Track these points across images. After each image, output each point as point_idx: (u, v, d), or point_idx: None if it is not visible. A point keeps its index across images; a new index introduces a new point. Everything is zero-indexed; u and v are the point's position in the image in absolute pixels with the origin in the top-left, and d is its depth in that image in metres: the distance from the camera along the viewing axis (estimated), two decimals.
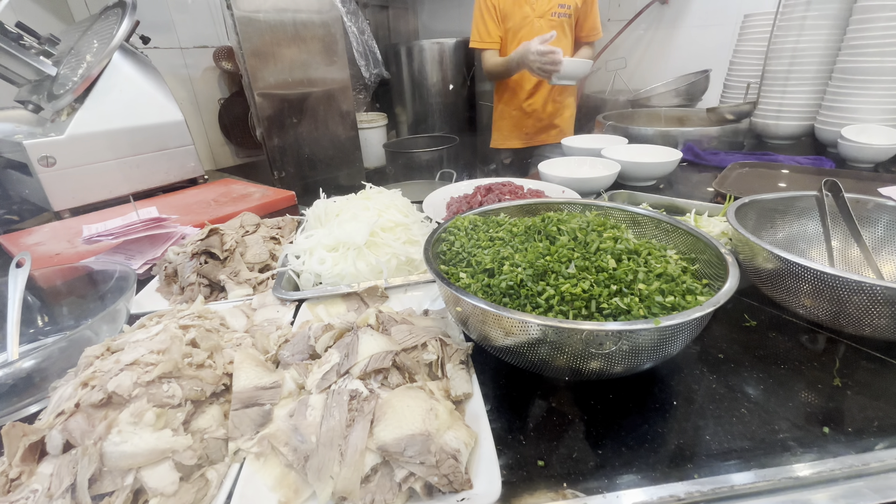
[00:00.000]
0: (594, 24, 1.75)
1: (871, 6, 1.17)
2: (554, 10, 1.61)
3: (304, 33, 2.11)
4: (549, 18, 1.61)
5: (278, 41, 2.05)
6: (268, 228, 0.82)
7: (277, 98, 2.14)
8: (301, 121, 2.24)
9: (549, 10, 1.60)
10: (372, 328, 0.48)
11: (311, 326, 0.49)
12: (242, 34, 1.95)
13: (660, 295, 0.45)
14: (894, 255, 0.64)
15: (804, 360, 0.53)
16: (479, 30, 1.65)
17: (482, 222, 0.62)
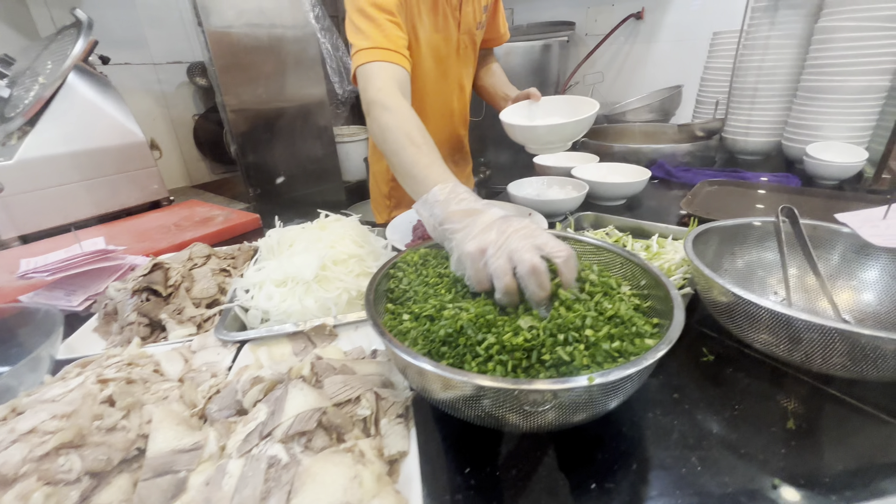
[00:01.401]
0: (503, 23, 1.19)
1: (831, 27, 1.19)
2: (480, 21, 1.06)
3: (278, 49, 2.09)
4: (472, 34, 1.06)
5: (251, 57, 2.03)
6: (219, 259, 0.78)
7: (251, 114, 2.11)
8: (276, 137, 2.21)
9: (476, 20, 1.04)
10: (305, 380, 0.45)
11: (239, 379, 0.46)
12: (214, 51, 1.92)
13: (608, 341, 0.43)
14: (850, 282, 0.64)
15: (760, 400, 0.51)
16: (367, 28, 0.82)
17: (434, 256, 0.60)
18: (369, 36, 0.81)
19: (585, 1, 2.92)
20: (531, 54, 2.70)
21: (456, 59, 1.07)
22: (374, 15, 0.82)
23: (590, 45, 2.91)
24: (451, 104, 1.14)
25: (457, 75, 1.10)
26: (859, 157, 1.17)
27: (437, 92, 1.07)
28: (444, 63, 1.05)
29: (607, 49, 2.90)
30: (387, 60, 0.80)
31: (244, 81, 2.03)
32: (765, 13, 1.36)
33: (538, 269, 0.45)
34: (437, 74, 1.04)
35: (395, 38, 0.83)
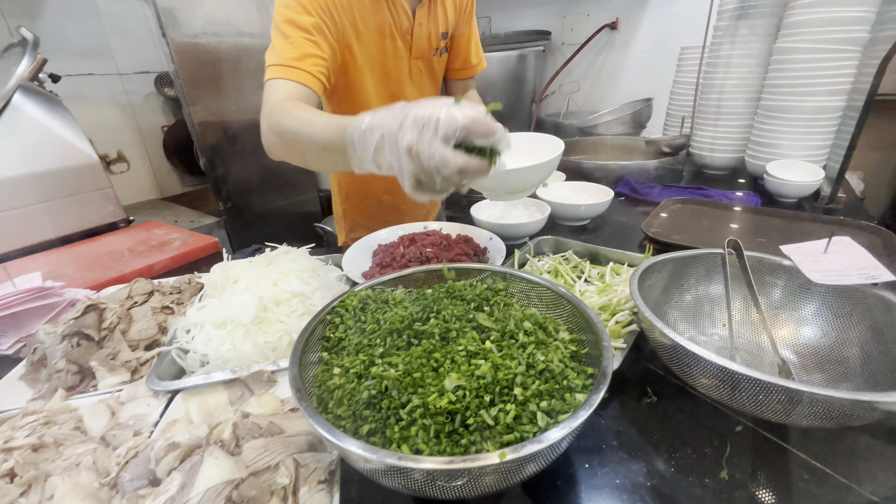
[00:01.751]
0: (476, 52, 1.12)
1: (788, 48, 1.21)
2: (437, 47, 1.01)
3: (248, 60, 2.05)
4: (428, 59, 1.02)
5: (219, 68, 1.99)
6: (162, 296, 0.76)
7: (220, 126, 2.07)
8: (247, 149, 2.16)
9: (431, 46, 1.00)
10: (224, 445, 0.43)
11: (154, 446, 0.44)
12: (180, 62, 1.88)
13: (537, 399, 0.42)
14: (792, 316, 0.64)
15: (700, 446, 0.51)
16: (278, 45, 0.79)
17: (374, 299, 0.59)
18: (279, 52, 0.78)
19: (561, 10, 2.94)
20: (507, 64, 2.71)
21: (409, 84, 1.03)
22: (288, 32, 0.78)
23: (566, 54, 2.93)
24: None
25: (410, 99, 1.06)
26: (816, 176, 1.19)
27: None
28: (394, 87, 1.01)
29: (583, 59, 2.92)
30: (290, 78, 0.76)
31: (212, 93, 1.98)
32: (726, 32, 1.38)
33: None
34: (385, 98, 1.00)
35: (305, 57, 0.78)
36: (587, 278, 0.84)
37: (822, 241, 0.66)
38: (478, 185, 0.78)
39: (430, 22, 0.98)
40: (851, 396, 0.40)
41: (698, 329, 0.68)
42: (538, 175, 0.78)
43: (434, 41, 1.01)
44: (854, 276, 0.58)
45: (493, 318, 0.53)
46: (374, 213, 1.21)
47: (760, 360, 0.62)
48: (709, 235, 1.03)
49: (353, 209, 1.20)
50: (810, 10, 1.15)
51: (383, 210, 1.20)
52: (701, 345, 0.65)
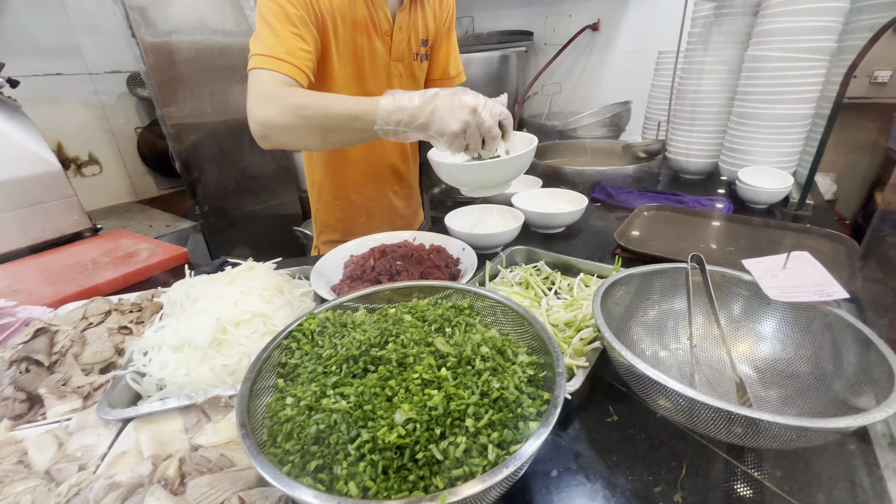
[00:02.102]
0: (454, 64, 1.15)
1: (759, 56, 1.23)
2: (417, 52, 1.04)
3: (223, 60, 2.00)
4: (408, 63, 1.05)
5: (193, 69, 1.93)
6: (120, 315, 0.73)
7: (195, 128, 2.02)
8: (224, 152, 2.12)
9: (412, 51, 1.03)
10: (168, 483, 0.41)
11: (93, 486, 0.42)
12: (151, 62, 1.83)
13: (488, 430, 0.42)
14: (752, 332, 0.65)
15: (656, 467, 0.51)
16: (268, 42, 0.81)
17: (333, 321, 0.57)
18: (266, 44, 0.81)
19: (544, 10, 2.94)
20: (490, 64, 2.70)
21: (387, 84, 1.03)
22: (274, 24, 0.81)
23: (548, 54, 2.94)
24: None
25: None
26: (786, 183, 1.21)
27: None
28: (370, 85, 1.01)
29: (565, 59, 2.93)
30: (279, 70, 0.80)
31: (186, 94, 1.93)
32: (699, 38, 1.39)
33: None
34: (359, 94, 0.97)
35: (294, 51, 0.82)
36: (557, 290, 0.85)
37: (781, 257, 0.67)
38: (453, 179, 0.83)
39: (411, 26, 1.00)
40: (796, 423, 0.41)
41: (662, 344, 0.68)
42: (509, 171, 0.80)
43: (414, 46, 1.03)
44: (809, 294, 0.59)
45: (452, 341, 0.53)
46: (344, 216, 1.19)
47: (721, 376, 0.63)
48: (680, 244, 1.04)
49: (325, 209, 1.19)
50: (779, 20, 1.16)
51: (353, 212, 1.19)
52: (664, 360, 0.66)
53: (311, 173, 1.18)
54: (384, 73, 1.02)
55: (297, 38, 0.83)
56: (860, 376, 0.51)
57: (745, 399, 0.55)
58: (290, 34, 0.82)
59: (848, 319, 0.55)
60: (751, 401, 0.55)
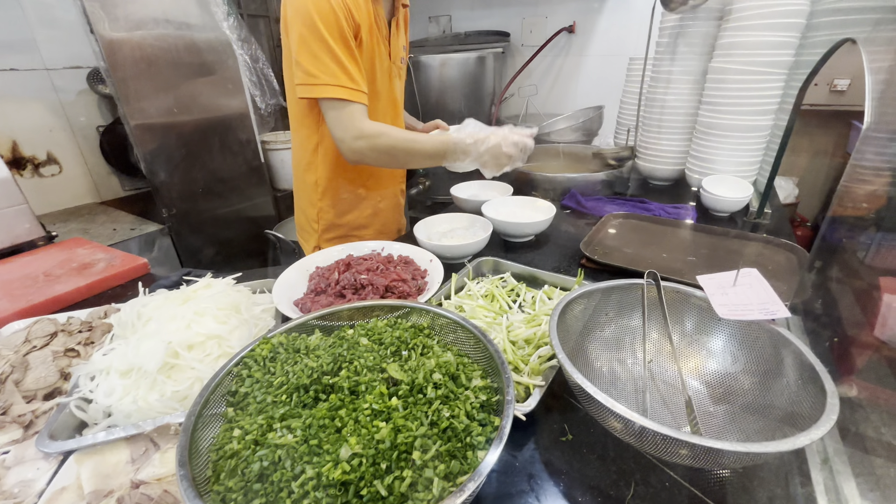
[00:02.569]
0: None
1: (721, 68, 1.26)
2: (403, 56, 1.19)
3: (189, 58, 1.93)
4: (398, 66, 1.18)
5: (157, 66, 1.86)
6: (67, 336, 0.70)
7: (160, 128, 1.95)
8: (191, 153, 2.05)
9: (399, 54, 1.17)
10: None
11: None
12: (111, 59, 1.75)
13: (434, 463, 0.42)
14: (701, 348, 0.67)
15: (605, 488, 0.52)
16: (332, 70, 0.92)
17: (286, 348, 0.56)
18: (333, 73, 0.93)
19: (520, 11, 2.94)
20: (467, 66, 2.70)
21: (387, 81, 1.15)
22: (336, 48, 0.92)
23: (525, 55, 2.95)
24: (386, 121, 1.19)
25: (390, 97, 1.18)
26: (746, 193, 1.25)
27: (373, 110, 1.13)
28: (378, 84, 1.12)
29: (542, 61, 2.94)
30: (357, 101, 0.97)
31: (150, 93, 1.86)
32: (667, 48, 1.42)
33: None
34: (372, 93, 1.10)
35: (358, 77, 0.97)
36: (521, 303, 0.85)
37: (732, 273, 0.69)
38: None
39: (399, 32, 1.14)
40: (733, 448, 0.42)
41: (619, 360, 0.70)
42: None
43: (400, 50, 1.17)
44: (755, 312, 0.61)
45: (406, 366, 0.52)
46: (349, 208, 1.25)
47: (675, 391, 0.65)
48: (644, 254, 1.06)
49: (330, 207, 1.23)
50: (740, 34, 1.19)
51: (358, 203, 1.25)
52: (620, 376, 0.68)
53: (313, 173, 1.19)
54: (387, 74, 1.14)
55: (353, 60, 0.96)
56: (799, 394, 0.53)
57: (693, 417, 0.57)
58: (350, 58, 0.95)
59: (787, 337, 0.57)
60: (697, 419, 0.57)
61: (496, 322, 0.73)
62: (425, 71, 2.62)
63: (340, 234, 1.27)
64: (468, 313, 0.79)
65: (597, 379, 0.66)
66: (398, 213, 1.38)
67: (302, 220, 1.30)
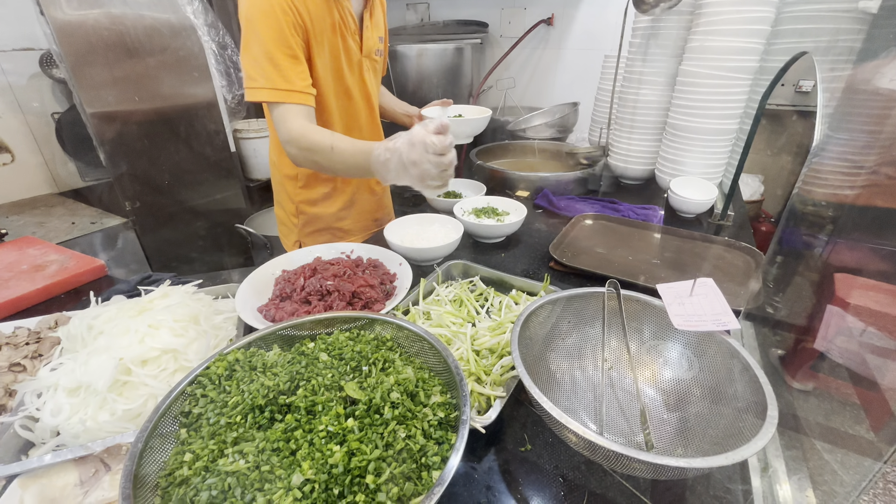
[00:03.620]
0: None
1: (690, 71, 1.27)
2: (378, 48, 1.14)
3: (150, 44, 1.84)
4: (373, 58, 1.13)
5: (115, 53, 1.76)
6: (13, 350, 0.67)
7: (120, 118, 1.85)
8: (155, 144, 1.97)
9: (374, 47, 1.12)
10: None
11: None
12: (64, 44, 1.65)
13: (390, 484, 0.42)
14: (658, 356, 0.69)
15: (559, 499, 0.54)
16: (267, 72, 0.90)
17: (243, 365, 0.55)
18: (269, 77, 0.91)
19: (499, 2, 2.91)
20: (444, 57, 2.66)
21: (360, 78, 1.12)
22: (273, 51, 0.90)
23: (504, 47, 2.93)
24: (359, 120, 1.18)
25: (362, 92, 1.15)
26: (710, 195, 1.29)
27: (343, 108, 1.13)
28: (348, 81, 1.09)
29: (520, 53, 2.93)
30: (295, 102, 0.93)
31: (107, 79, 1.76)
32: (639, 49, 1.43)
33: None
34: (339, 91, 1.09)
35: (295, 77, 0.93)
36: (489, 308, 0.86)
37: (689, 283, 0.71)
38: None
39: (373, 25, 1.11)
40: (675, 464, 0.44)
41: (580, 367, 0.71)
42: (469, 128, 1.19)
43: (376, 43, 1.13)
44: (709, 323, 0.63)
45: (365, 383, 0.52)
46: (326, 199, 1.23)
47: (631, 398, 0.67)
48: (611, 256, 1.08)
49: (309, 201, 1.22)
50: (708, 38, 1.21)
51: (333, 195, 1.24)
52: (580, 383, 0.69)
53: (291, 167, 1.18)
54: (357, 69, 1.11)
55: (293, 60, 0.92)
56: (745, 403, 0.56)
57: (646, 428, 0.59)
58: (289, 58, 0.92)
59: (736, 349, 0.59)
60: (650, 430, 0.59)
61: (461, 331, 0.74)
62: (402, 61, 2.57)
63: (321, 227, 1.27)
64: (435, 320, 0.79)
65: (557, 387, 0.68)
66: (375, 203, 1.35)
67: (281, 215, 1.30)
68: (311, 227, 1.27)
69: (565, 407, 0.66)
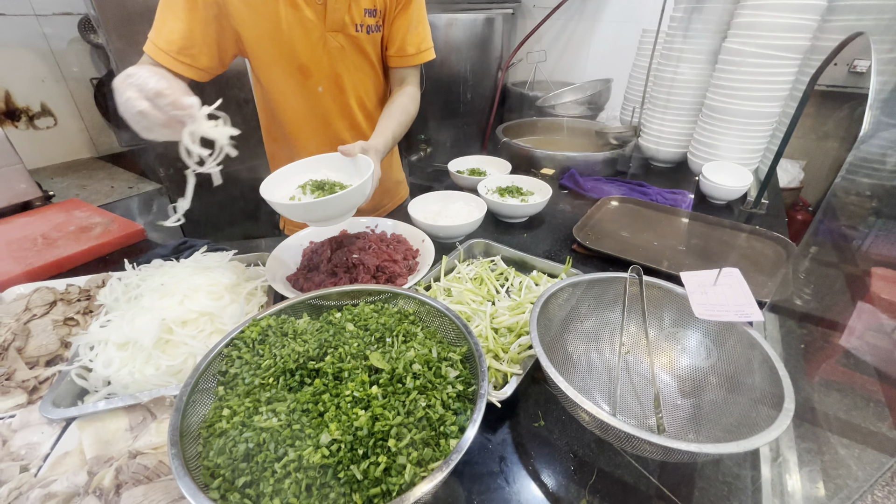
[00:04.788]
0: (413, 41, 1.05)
1: (735, 49, 1.21)
2: (361, 23, 0.96)
3: None
4: (351, 35, 0.96)
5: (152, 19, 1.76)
6: (66, 305, 0.73)
7: None
8: None
9: (353, 21, 0.95)
10: (104, 492, 0.44)
11: (29, 496, 0.45)
12: (102, 9, 1.68)
13: (410, 448, 0.45)
14: (676, 343, 0.69)
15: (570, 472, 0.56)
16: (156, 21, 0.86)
17: (275, 331, 0.59)
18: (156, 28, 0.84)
19: None
20: (474, 27, 2.58)
21: (325, 56, 0.96)
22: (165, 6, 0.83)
23: (536, 18, 2.81)
24: (323, 105, 1.04)
25: (329, 74, 0.99)
26: (745, 182, 1.24)
27: (299, 90, 1.00)
28: (303, 58, 0.95)
29: (553, 25, 2.81)
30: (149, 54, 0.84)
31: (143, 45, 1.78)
32: (680, 24, 1.36)
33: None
34: (293, 70, 0.96)
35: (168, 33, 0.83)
36: (509, 287, 0.87)
37: (714, 272, 0.70)
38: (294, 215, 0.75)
39: None
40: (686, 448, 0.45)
41: (597, 350, 0.72)
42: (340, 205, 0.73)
43: (357, 16, 0.95)
44: (731, 314, 0.63)
45: (388, 356, 0.55)
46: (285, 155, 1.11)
47: (646, 382, 0.68)
48: (636, 241, 1.07)
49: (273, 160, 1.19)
50: (758, 13, 1.14)
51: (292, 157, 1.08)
52: (595, 365, 0.71)
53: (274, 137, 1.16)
54: (320, 45, 0.95)
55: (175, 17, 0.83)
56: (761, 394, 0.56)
57: (659, 412, 0.60)
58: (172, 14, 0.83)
59: (757, 340, 0.59)
60: (663, 414, 0.60)
61: (481, 309, 0.76)
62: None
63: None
64: (455, 297, 0.81)
65: (573, 368, 0.69)
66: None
67: None
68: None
69: (580, 387, 0.67)
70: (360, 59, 1.02)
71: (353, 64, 1.02)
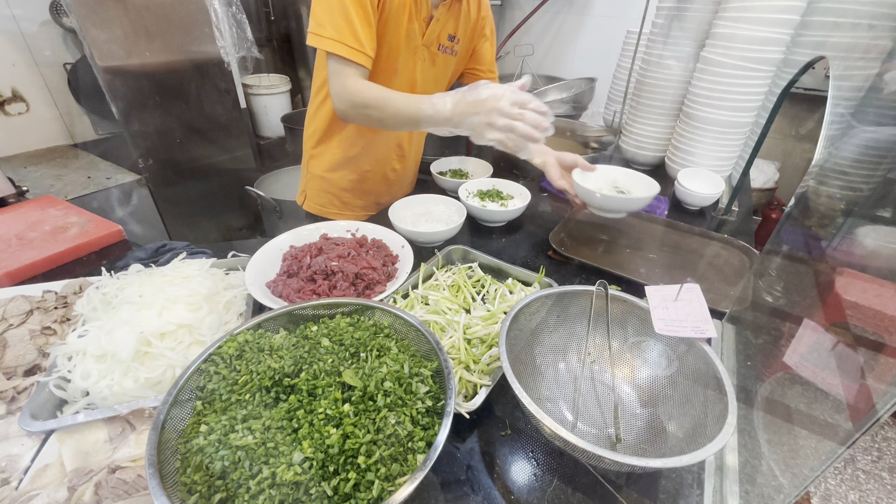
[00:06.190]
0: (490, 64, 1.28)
1: (711, 59, 1.23)
2: (442, 44, 1.13)
3: None
4: (433, 52, 1.13)
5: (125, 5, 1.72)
6: (43, 314, 0.73)
7: (133, 73, 1.85)
8: (168, 99, 1.97)
9: (437, 41, 1.12)
10: None
11: None
12: None
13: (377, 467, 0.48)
14: (637, 355, 0.73)
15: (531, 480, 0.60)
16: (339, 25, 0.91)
17: (252, 345, 0.61)
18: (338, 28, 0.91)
19: None
20: None
21: (411, 62, 1.11)
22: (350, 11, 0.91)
23: (525, 9, 2.79)
24: None
25: (409, 76, 1.14)
26: (717, 189, 1.28)
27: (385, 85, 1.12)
28: (400, 64, 1.10)
29: (541, 18, 2.80)
30: (354, 61, 0.94)
31: (118, 31, 1.74)
32: (661, 29, 1.37)
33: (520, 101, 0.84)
34: (387, 69, 1.09)
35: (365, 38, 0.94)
36: (485, 295, 0.90)
37: (676, 287, 0.74)
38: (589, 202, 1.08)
39: (446, 20, 1.10)
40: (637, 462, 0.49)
41: (564, 361, 0.76)
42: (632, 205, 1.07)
43: (443, 38, 1.12)
44: (688, 330, 0.67)
45: (361, 371, 0.57)
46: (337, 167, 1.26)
47: (608, 394, 0.72)
48: (609, 248, 1.11)
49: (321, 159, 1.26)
50: (734, 25, 1.16)
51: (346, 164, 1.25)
52: (562, 375, 0.75)
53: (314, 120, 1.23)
54: (413, 54, 1.10)
55: (364, 21, 0.93)
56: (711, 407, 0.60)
57: (617, 422, 0.64)
58: (361, 18, 0.92)
59: (709, 355, 0.63)
60: (620, 424, 0.64)
61: (455, 319, 0.78)
62: None
63: (324, 188, 1.30)
64: (432, 306, 0.83)
65: (541, 377, 0.73)
66: (386, 185, 1.35)
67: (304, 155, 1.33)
68: (316, 185, 1.31)
69: (546, 396, 0.71)
70: (433, 73, 1.18)
71: (428, 73, 1.17)
